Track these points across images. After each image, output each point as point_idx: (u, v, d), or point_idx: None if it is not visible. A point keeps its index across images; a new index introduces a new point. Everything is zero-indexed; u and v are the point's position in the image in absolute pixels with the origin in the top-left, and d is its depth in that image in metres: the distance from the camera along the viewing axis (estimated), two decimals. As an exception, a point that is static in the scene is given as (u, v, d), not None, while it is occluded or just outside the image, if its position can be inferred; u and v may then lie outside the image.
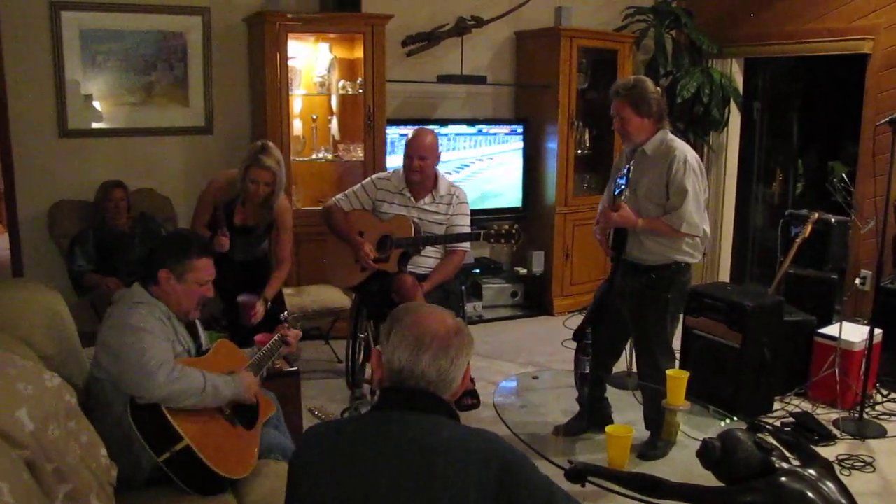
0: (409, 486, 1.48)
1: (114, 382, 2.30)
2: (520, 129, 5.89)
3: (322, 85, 5.23)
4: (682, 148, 3.23)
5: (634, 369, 4.34)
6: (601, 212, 3.43)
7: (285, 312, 3.10)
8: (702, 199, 3.23)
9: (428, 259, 3.94)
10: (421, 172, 3.83)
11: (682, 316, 3.68)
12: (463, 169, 5.67)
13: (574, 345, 3.26)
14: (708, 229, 3.32)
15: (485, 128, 5.78)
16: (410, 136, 3.87)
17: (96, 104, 4.86)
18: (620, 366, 4.13)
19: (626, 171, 3.26)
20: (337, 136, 5.33)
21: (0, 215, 7.74)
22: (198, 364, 2.42)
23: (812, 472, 2.01)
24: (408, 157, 3.84)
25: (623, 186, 3.24)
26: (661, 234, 3.24)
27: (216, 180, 3.86)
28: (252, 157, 3.66)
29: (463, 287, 4.23)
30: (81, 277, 4.33)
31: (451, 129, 5.62)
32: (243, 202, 3.77)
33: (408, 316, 1.66)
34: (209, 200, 3.81)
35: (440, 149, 3.93)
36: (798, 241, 4.41)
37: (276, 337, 2.85)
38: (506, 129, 5.88)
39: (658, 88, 3.33)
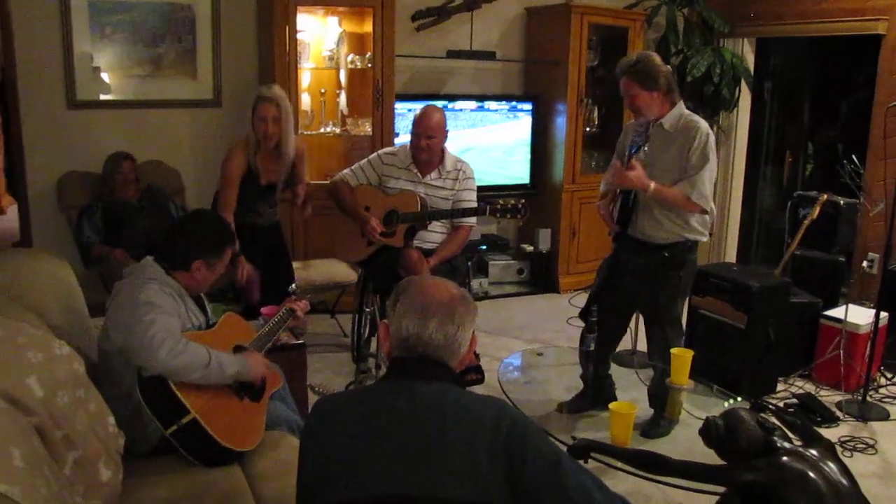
0: (420, 451, 1.51)
1: (122, 355, 2.31)
2: (528, 105, 5.87)
3: (331, 59, 5.22)
4: (704, 123, 3.24)
5: (639, 348, 4.37)
6: (612, 174, 3.35)
7: (293, 285, 3.11)
8: (714, 176, 3.24)
9: (434, 234, 3.94)
10: (428, 151, 3.82)
11: (688, 295, 3.68)
12: (469, 145, 5.65)
13: (581, 323, 3.27)
14: (713, 206, 3.32)
15: (493, 104, 5.76)
16: (418, 114, 3.85)
17: (105, 76, 4.85)
18: (625, 344, 4.14)
19: (641, 135, 3.23)
20: (345, 111, 5.31)
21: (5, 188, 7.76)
22: (204, 337, 2.43)
23: (814, 452, 2.01)
24: (415, 135, 3.82)
25: (641, 144, 3.20)
26: (669, 202, 3.23)
27: (233, 150, 3.82)
28: (256, 98, 3.76)
29: (469, 263, 4.24)
30: (89, 249, 4.35)
31: (460, 104, 5.60)
32: (257, 152, 3.78)
33: (412, 286, 1.69)
34: (235, 173, 3.77)
35: (448, 125, 3.92)
36: (806, 222, 4.40)
37: (284, 309, 2.86)
38: (515, 105, 5.86)
39: (663, 62, 3.30)
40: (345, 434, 1.58)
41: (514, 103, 5.87)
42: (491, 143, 5.79)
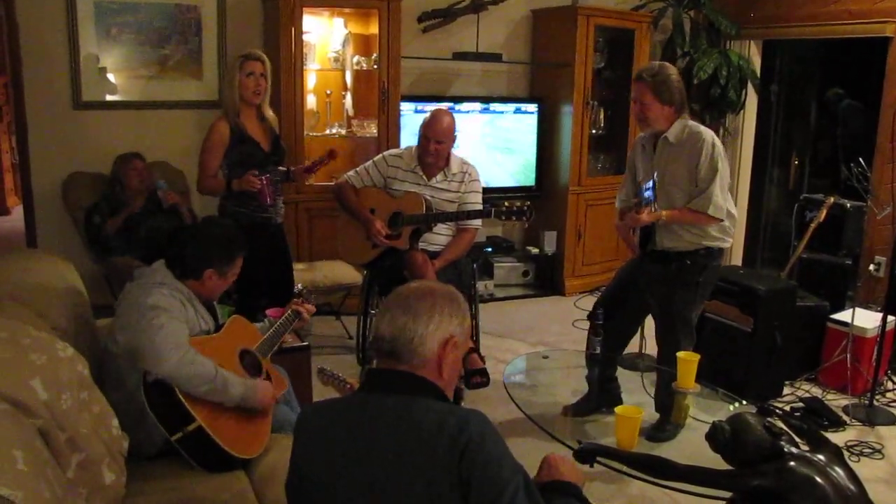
0: (377, 468, 1.48)
1: (128, 358, 2.31)
2: (534, 107, 5.86)
3: (337, 60, 5.21)
4: (709, 133, 3.23)
5: (646, 351, 4.35)
6: (626, 215, 3.39)
7: (299, 285, 3.10)
8: (727, 183, 3.23)
9: (439, 236, 3.94)
10: (436, 155, 3.82)
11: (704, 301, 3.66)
12: (475, 147, 5.64)
13: (587, 325, 3.27)
14: (734, 211, 3.31)
15: (499, 106, 5.75)
16: (428, 117, 3.84)
17: (110, 76, 4.86)
18: (632, 346, 4.12)
19: (651, 185, 3.23)
20: (351, 112, 5.31)
21: (15, 187, 7.80)
22: (211, 342, 2.43)
23: (821, 457, 2.00)
24: (424, 138, 3.82)
25: (651, 199, 3.21)
26: (686, 223, 3.24)
27: (216, 124, 3.76)
28: (242, 58, 3.72)
29: (474, 265, 4.23)
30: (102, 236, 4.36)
31: (466, 106, 5.60)
32: (239, 114, 3.74)
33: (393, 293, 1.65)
34: (216, 140, 3.72)
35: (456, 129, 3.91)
36: (812, 225, 4.38)
37: (289, 311, 2.85)
38: (520, 107, 5.85)
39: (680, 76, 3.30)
40: (314, 450, 1.57)
41: (519, 105, 5.85)
42: (496, 146, 5.78)
